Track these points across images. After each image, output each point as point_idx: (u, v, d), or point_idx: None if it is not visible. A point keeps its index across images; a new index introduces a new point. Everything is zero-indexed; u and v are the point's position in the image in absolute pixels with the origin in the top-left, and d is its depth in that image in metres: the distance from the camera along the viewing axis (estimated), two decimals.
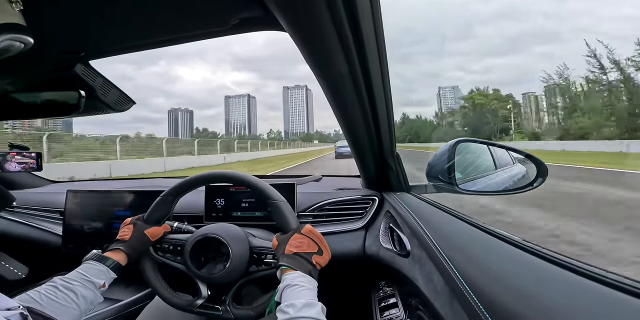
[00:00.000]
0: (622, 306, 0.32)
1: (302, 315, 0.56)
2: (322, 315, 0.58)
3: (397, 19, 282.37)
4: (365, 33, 0.53)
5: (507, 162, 1.14)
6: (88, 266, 0.73)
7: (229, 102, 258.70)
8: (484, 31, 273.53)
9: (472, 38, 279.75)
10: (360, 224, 1.14)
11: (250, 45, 47.36)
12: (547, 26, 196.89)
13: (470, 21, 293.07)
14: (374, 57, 0.62)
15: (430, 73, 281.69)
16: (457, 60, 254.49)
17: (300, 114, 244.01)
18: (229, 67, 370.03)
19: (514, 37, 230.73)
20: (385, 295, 0.92)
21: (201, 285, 0.83)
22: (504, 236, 0.56)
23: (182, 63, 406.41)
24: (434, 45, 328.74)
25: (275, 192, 0.83)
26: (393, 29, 49.01)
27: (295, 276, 0.66)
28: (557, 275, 0.40)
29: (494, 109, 62.57)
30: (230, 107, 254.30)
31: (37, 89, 0.80)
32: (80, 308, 0.65)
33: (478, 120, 63.38)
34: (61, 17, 0.54)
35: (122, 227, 0.86)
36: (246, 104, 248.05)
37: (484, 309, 0.40)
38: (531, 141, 38.18)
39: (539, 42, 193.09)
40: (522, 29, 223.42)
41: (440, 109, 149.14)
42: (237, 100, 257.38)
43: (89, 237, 1.28)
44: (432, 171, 0.99)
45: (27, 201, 1.56)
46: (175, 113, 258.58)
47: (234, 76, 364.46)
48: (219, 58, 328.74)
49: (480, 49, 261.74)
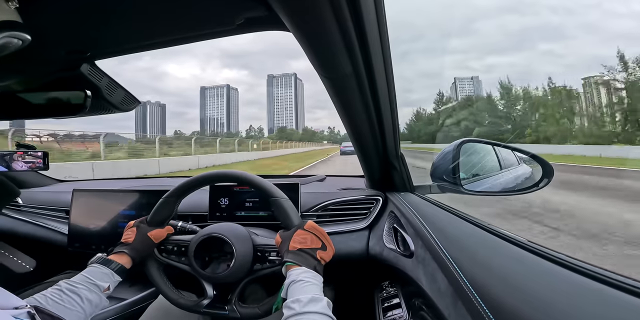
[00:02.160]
0: (627, 308, 0.31)
1: (308, 310, 0.56)
2: (328, 309, 0.58)
3: (396, 18, 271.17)
4: (370, 33, 0.53)
5: (512, 163, 1.14)
6: (93, 269, 0.74)
7: (205, 94, 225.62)
8: (486, 26, 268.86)
9: (473, 34, 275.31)
10: (364, 224, 1.14)
11: (238, 39, 44.57)
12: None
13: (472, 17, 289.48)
14: (378, 57, 0.62)
15: (429, 72, 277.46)
16: (457, 58, 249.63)
17: (288, 108, 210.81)
18: (218, 64, 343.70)
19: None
20: (389, 295, 0.92)
21: (206, 286, 0.83)
22: (509, 237, 0.56)
23: (171, 59, 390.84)
24: (432, 43, 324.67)
25: (277, 190, 0.83)
26: (394, 27, 48.39)
27: (300, 272, 0.66)
28: (561, 276, 0.39)
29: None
30: (206, 100, 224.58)
31: (44, 89, 0.81)
32: (85, 311, 0.66)
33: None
34: (67, 17, 0.54)
35: (125, 230, 0.87)
36: (225, 97, 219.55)
37: (487, 309, 0.40)
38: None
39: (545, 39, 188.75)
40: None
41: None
42: (214, 92, 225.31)
43: (94, 236, 1.29)
44: (436, 171, 0.99)
45: (33, 200, 1.58)
46: (144, 107, 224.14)
47: (225, 73, 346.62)
48: (206, 53, 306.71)
49: (483, 47, 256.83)
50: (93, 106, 0.81)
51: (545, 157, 0.88)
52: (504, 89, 56.04)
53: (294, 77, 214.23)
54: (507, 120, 54.90)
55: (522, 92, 55.07)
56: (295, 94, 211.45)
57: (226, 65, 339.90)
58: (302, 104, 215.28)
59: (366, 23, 0.50)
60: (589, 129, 38.26)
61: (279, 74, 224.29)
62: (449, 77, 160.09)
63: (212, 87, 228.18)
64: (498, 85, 57.09)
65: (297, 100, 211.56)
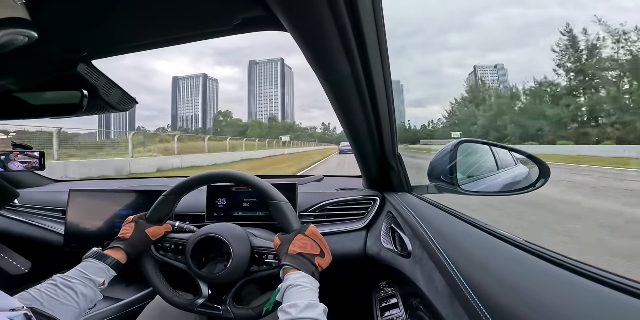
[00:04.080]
0: (624, 309, 0.32)
1: (305, 317, 0.55)
2: (324, 317, 0.58)
3: (393, 12, 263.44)
4: (368, 34, 0.53)
5: (510, 163, 1.14)
6: (88, 264, 0.74)
7: (178, 86, 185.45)
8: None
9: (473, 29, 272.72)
10: (361, 224, 1.14)
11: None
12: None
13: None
14: (376, 57, 0.62)
15: (428, 70, 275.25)
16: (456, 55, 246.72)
17: (273, 100, 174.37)
18: (211, 61, 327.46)
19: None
20: (387, 295, 0.92)
21: (202, 285, 0.83)
22: (506, 237, 0.56)
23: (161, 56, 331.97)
24: (430, 39, 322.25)
25: (277, 192, 0.83)
26: (392, 23, 44.55)
27: (298, 276, 0.66)
28: (558, 277, 0.40)
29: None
30: (179, 93, 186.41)
31: (40, 89, 0.81)
32: (80, 306, 0.65)
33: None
34: (64, 16, 0.54)
35: (124, 225, 0.87)
36: (201, 89, 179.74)
37: (485, 309, 0.40)
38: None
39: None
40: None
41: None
42: (188, 83, 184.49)
43: (91, 236, 1.29)
44: (434, 172, 0.99)
45: (29, 200, 1.57)
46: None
47: (218, 71, 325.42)
48: (198, 51, 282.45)
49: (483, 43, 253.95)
50: (90, 106, 0.81)
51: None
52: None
53: (280, 63, 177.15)
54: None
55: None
56: (282, 83, 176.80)
57: (219, 62, 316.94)
58: (291, 97, 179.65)
59: (364, 24, 0.51)
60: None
61: (264, 60, 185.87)
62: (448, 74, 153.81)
63: (187, 77, 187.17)
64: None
65: (285, 93, 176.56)
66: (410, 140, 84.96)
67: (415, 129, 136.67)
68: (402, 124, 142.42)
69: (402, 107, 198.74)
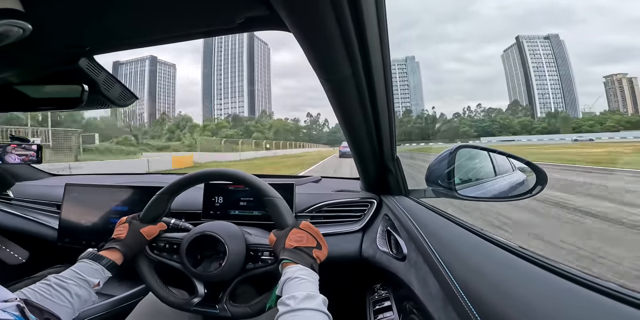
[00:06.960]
0: (614, 314, 0.32)
1: (304, 307, 0.55)
2: (324, 307, 0.57)
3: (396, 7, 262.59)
4: (370, 36, 0.54)
5: (507, 169, 1.15)
6: (83, 265, 0.73)
7: (120, 72, 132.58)
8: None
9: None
10: (357, 226, 1.14)
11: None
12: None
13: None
14: (378, 60, 0.62)
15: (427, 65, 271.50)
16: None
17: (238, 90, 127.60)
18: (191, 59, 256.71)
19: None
20: (380, 298, 0.92)
21: (197, 284, 0.82)
22: (501, 242, 0.57)
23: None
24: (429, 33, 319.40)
25: (271, 189, 0.83)
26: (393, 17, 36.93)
27: (296, 269, 0.66)
28: (551, 283, 0.40)
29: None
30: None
31: (42, 82, 0.81)
32: (74, 307, 0.65)
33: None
34: (67, 11, 0.54)
35: (117, 226, 0.86)
36: (146, 75, 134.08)
37: (477, 314, 0.40)
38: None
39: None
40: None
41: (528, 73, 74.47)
42: (131, 68, 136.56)
43: (85, 231, 1.28)
44: (431, 176, 0.99)
45: (24, 193, 1.56)
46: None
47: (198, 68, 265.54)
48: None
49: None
50: (90, 100, 0.81)
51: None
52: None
53: (246, 39, 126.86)
54: None
55: None
56: (250, 59, 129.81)
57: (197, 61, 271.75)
58: (266, 77, 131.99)
59: (367, 26, 0.51)
60: None
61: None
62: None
63: (130, 61, 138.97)
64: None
65: (253, 73, 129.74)
66: (439, 137, 66.49)
67: (445, 119, 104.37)
68: (423, 113, 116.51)
69: (419, 87, 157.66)
